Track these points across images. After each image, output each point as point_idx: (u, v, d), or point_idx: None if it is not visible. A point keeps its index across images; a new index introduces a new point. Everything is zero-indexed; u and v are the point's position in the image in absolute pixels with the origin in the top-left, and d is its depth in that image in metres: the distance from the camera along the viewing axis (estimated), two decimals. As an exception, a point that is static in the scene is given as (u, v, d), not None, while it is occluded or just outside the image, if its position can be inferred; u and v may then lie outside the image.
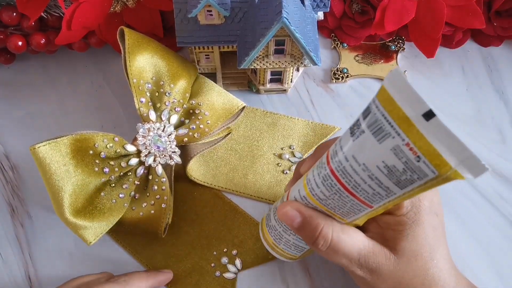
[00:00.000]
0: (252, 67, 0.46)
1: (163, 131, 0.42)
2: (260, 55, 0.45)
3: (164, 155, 0.42)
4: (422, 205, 0.34)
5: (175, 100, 0.44)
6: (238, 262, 0.43)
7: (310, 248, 0.37)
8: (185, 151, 0.45)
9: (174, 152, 0.43)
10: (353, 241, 0.33)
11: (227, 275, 0.43)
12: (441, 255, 0.34)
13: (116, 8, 0.49)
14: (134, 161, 0.41)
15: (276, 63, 0.46)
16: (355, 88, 0.54)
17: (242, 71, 0.51)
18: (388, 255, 0.33)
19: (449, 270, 0.34)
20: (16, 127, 0.51)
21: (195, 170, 0.47)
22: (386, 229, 0.34)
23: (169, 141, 0.42)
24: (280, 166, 0.48)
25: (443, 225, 0.35)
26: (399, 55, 0.55)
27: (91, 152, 0.39)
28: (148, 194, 0.41)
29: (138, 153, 0.41)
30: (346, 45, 0.56)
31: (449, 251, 0.35)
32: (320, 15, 0.49)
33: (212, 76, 0.50)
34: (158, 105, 0.43)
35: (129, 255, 0.44)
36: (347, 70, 0.54)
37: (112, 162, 0.40)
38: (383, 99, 0.27)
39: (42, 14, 0.49)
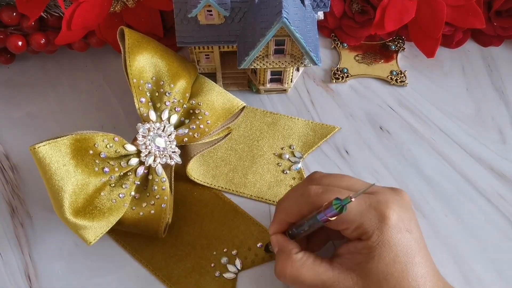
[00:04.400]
0: (252, 67, 0.46)
1: (163, 131, 0.42)
2: (260, 55, 0.45)
3: (164, 155, 0.42)
4: (386, 224, 0.33)
5: (175, 100, 0.44)
6: (238, 262, 0.43)
7: None
8: (185, 151, 0.45)
9: (174, 152, 0.43)
10: (314, 274, 0.35)
11: (227, 275, 0.43)
12: (417, 272, 0.33)
13: (116, 8, 0.49)
14: (134, 161, 0.41)
15: (276, 63, 0.46)
16: (355, 88, 0.54)
17: (242, 71, 0.51)
18: (356, 280, 0.34)
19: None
20: (16, 127, 0.51)
21: (195, 170, 0.47)
22: (355, 253, 0.34)
23: (169, 141, 0.42)
24: (280, 166, 0.48)
25: (419, 241, 0.35)
26: (399, 55, 0.55)
27: (91, 152, 0.39)
28: (148, 194, 0.41)
29: (138, 153, 0.41)
30: (346, 45, 0.56)
31: (430, 268, 0.34)
32: (320, 15, 0.49)
33: (212, 76, 0.50)
34: (158, 105, 0.43)
35: (129, 255, 0.44)
36: (347, 70, 0.54)
37: (112, 162, 0.40)
38: None
39: (42, 14, 0.49)
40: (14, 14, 0.49)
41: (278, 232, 0.38)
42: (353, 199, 0.31)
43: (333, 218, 0.33)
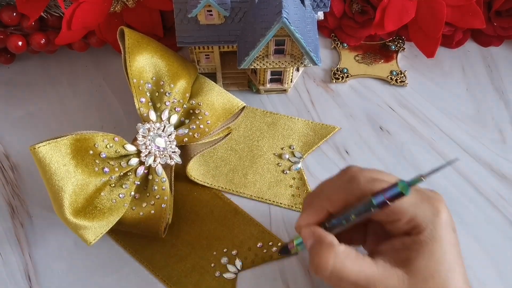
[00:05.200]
0: (252, 67, 0.46)
1: (163, 131, 0.42)
2: (260, 55, 0.45)
3: (164, 155, 0.42)
4: (440, 220, 0.32)
5: (175, 100, 0.44)
6: (238, 262, 0.43)
7: None
8: (185, 151, 0.45)
9: (174, 152, 0.43)
10: (359, 269, 0.32)
11: (227, 275, 0.43)
12: (460, 274, 0.32)
13: (116, 8, 0.49)
14: (134, 161, 0.41)
15: (276, 63, 0.46)
16: (355, 88, 0.54)
17: (242, 71, 0.51)
18: (401, 277, 0.31)
19: None
20: (16, 127, 0.51)
21: (195, 170, 0.47)
22: (402, 250, 0.32)
23: (169, 141, 0.42)
24: (280, 166, 0.48)
25: (459, 244, 0.33)
26: (399, 55, 0.55)
27: (91, 152, 0.39)
28: (148, 194, 0.41)
29: (138, 153, 0.41)
30: (346, 45, 0.56)
31: (466, 271, 0.33)
32: (320, 15, 0.49)
33: (212, 76, 0.50)
34: (158, 105, 0.43)
35: (129, 255, 0.44)
36: (347, 70, 0.54)
37: (112, 162, 0.40)
38: None
39: (42, 14, 0.49)
40: (14, 14, 0.49)
41: (312, 223, 0.35)
42: (424, 179, 0.29)
43: (391, 203, 0.31)
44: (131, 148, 0.41)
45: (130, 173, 0.41)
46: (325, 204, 0.34)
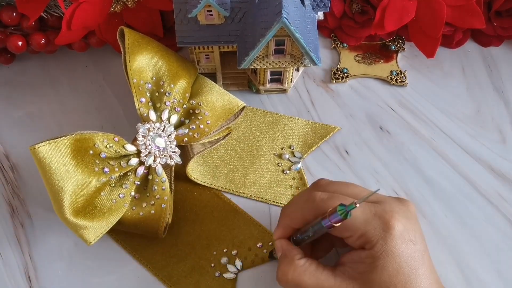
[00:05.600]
0: (252, 67, 0.46)
1: (163, 131, 0.42)
2: (260, 55, 0.45)
3: (164, 155, 0.42)
4: (391, 234, 0.33)
5: (175, 100, 0.44)
6: (238, 262, 0.43)
7: None
8: (185, 151, 0.45)
9: (174, 152, 0.43)
10: (316, 281, 0.34)
11: (227, 275, 0.43)
12: (420, 285, 0.33)
13: (116, 8, 0.49)
14: (134, 161, 0.41)
15: (276, 63, 0.46)
16: (355, 88, 0.54)
17: (242, 71, 0.51)
18: None
19: None
20: (16, 127, 0.51)
21: (195, 170, 0.47)
22: (358, 263, 0.34)
23: (169, 141, 0.42)
24: (280, 166, 0.48)
25: (424, 253, 0.34)
26: (399, 55, 0.55)
27: (91, 152, 0.39)
28: (148, 194, 0.41)
29: (138, 153, 0.41)
30: (346, 45, 0.56)
31: (434, 280, 0.34)
32: (320, 15, 0.49)
33: (212, 76, 0.50)
34: (158, 105, 0.43)
35: (129, 255, 0.44)
36: (347, 70, 0.54)
37: (112, 162, 0.40)
38: None
39: (42, 14, 0.49)
40: (14, 14, 0.49)
41: (282, 237, 0.38)
42: (357, 205, 0.30)
43: (338, 224, 0.33)
44: (131, 148, 0.41)
45: (130, 173, 0.41)
46: (287, 221, 0.38)
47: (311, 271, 0.35)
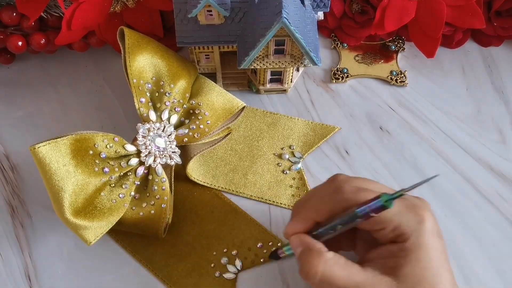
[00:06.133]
0: (252, 67, 0.46)
1: (163, 131, 0.42)
2: (260, 55, 0.45)
3: (164, 155, 0.42)
4: (424, 227, 0.32)
5: (175, 100, 0.44)
6: (238, 262, 0.43)
7: None
8: (185, 151, 0.45)
9: (174, 152, 0.43)
10: (348, 275, 0.32)
11: (227, 275, 0.43)
12: (447, 279, 0.33)
13: (116, 8, 0.49)
14: (134, 161, 0.41)
15: (276, 63, 0.46)
16: (355, 88, 0.54)
17: (242, 71, 0.51)
18: (390, 283, 0.32)
19: None
20: (16, 127, 0.51)
21: (195, 170, 0.47)
22: (389, 257, 0.33)
23: (169, 141, 0.42)
24: (280, 166, 0.48)
25: (446, 248, 0.34)
26: (399, 55, 0.55)
27: (91, 152, 0.39)
28: (148, 194, 0.41)
29: (138, 153, 0.41)
30: (346, 45, 0.56)
31: (454, 276, 0.34)
32: (320, 15, 0.49)
33: (212, 76, 0.50)
34: (158, 105, 0.43)
35: (129, 255, 0.44)
36: (347, 70, 0.54)
37: (112, 162, 0.40)
38: None
39: (42, 14, 0.49)
40: (14, 14, 0.49)
41: (299, 232, 0.36)
42: (407, 193, 0.29)
43: (376, 215, 0.31)
44: (131, 148, 0.41)
45: (130, 173, 0.41)
46: (311, 214, 0.35)
47: (342, 264, 0.33)
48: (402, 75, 0.54)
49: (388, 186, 0.37)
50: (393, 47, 0.56)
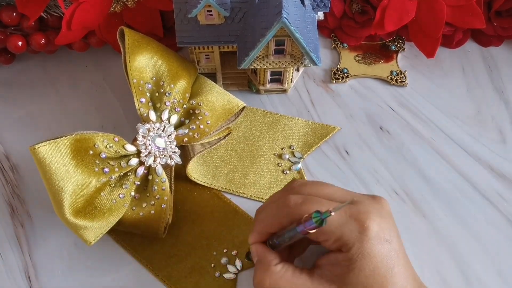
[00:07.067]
0: (252, 67, 0.46)
1: (163, 131, 0.42)
2: (260, 55, 0.45)
3: (164, 155, 0.42)
4: (366, 236, 0.33)
5: (175, 100, 0.44)
6: (238, 262, 0.43)
7: None
8: (185, 151, 0.45)
9: (174, 152, 0.43)
10: (293, 287, 0.34)
11: (227, 275, 0.43)
12: (397, 284, 0.33)
13: (116, 8, 0.49)
14: (134, 161, 0.41)
15: (276, 63, 0.46)
16: (355, 88, 0.54)
17: (242, 71, 0.51)
18: None
19: None
20: (16, 127, 0.51)
21: (195, 170, 0.47)
22: (336, 265, 0.34)
23: (169, 141, 0.42)
24: (280, 166, 0.48)
25: (399, 251, 0.34)
26: (399, 55, 0.55)
27: (91, 152, 0.39)
28: (148, 194, 0.41)
29: (138, 153, 0.41)
30: (346, 45, 0.56)
31: (411, 277, 0.34)
32: (320, 15, 0.49)
33: (212, 76, 0.50)
34: (158, 105, 0.43)
35: (129, 255, 0.44)
36: (347, 70, 0.54)
37: (112, 162, 0.40)
38: None
39: (42, 14, 0.49)
40: (14, 14, 0.49)
41: (258, 241, 0.37)
42: (332, 213, 0.30)
43: (313, 231, 0.32)
44: (131, 148, 0.41)
45: (130, 173, 0.41)
46: (263, 226, 0.37)
47: (288, 277, 0.35)
48: (402, 75, 0.54)
49: (345, 189, 0.37)
50: (393, 47, 0.56)
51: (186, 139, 0.43)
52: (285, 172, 0.48)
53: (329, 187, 0.37)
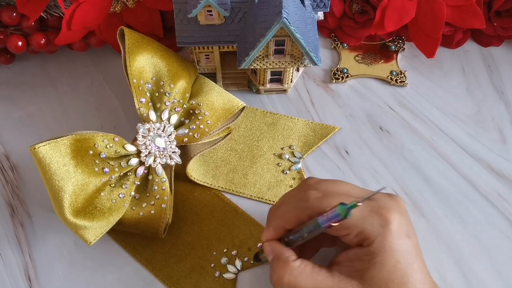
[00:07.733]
0: (252, 67, 0.46)
1: (163, 131, 0.42)
2: (260, 55, 0.45)
3: (164, 155, 0.42)
4: (389, 230, 0.33)
5: (175, 100, 0.44)
6: (238, 262, 0.43)
7: None
8: (185, 151, 0.45)
9: (174, 152, 0.43)
10: (313, 282, 0.34)
11: (227, 275, 0.43)
12: (417, 280, 0.33)
13: (116, 8, 0.49)
14: (134, 161, 0.41)
15: (276, 63, 0.46)
16: (355, 88, 0.54)
17: (242, 71, 0.51)
18: (356, 287, 0.33)
19: None
20: (16, 127, 0.51)
21: (195, 170, 0.47)
22: (356, 261, 0.34)
23: (169, 141, 0.42)
24: (280, 166, 0.48)
25: (417, 248, 0.34)
26: (399, 55, 0.55)
27: (91, 152, 0.39)
28: (148, 194, 0.41)
29: (138, 153, 0.41)
30: (346, 45, 0.56)
31: (427, 274, 0.34)
32: (320, 15, 0.49)
33: (212, 76, 0.50)
34: (158, 105, 0.43)
35: (129, 255, 0.44)
36: (347, 70, 0.54)
37: (112, 162, 0.40)
38: None
39: (42, 14, 0.49)
40: (14, 14, 0.49)
41: (272, 239, 0.37)
42: (360, 204, 0.30)
43: (336, 224, 0.32)
44: (131, 148, 0.41)
45: (130, 173, 0.41)
46: (280, 222, 0.36)
47: (308, 273, 0.34)
48: (402, 75, 0.54)
49: (360, 187, 0.37)
50: (393, 47, 0.56)
51: (186, 139, 0.43)
52: (285, 172, 0.48)
53: (345, 184, 0.37)
